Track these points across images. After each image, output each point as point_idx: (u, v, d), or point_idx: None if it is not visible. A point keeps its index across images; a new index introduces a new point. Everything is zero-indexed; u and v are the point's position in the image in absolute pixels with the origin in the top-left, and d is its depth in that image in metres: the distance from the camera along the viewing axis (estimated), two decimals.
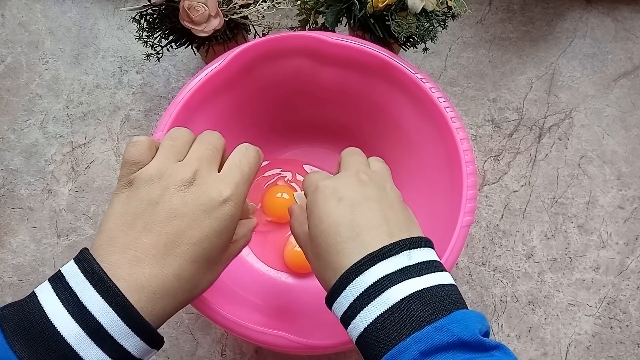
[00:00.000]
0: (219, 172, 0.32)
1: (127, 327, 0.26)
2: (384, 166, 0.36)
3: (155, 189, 0.29)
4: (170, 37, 0.52)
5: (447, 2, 0.48)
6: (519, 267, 0.57)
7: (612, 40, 0.65)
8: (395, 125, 0.52)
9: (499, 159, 0.61)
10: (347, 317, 0.28)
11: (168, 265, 0.28)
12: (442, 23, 0.49)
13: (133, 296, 0.26)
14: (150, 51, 0.52)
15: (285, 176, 0.57)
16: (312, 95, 0.53)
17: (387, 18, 0.47)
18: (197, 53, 0.57)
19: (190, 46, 0.53)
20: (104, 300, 0.26)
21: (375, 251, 0.28)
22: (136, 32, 0.51)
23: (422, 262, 0.28)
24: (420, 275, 0.27)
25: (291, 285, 0.54)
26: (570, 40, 0.65)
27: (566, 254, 0.57)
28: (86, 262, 0.27)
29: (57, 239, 0.58)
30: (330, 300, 0.30)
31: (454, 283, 0.29)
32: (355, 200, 0.30)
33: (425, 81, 0.46)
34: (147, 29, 0.51)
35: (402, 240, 0.29)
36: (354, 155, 0.36)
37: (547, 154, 0.61)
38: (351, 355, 0.54)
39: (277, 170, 0.58)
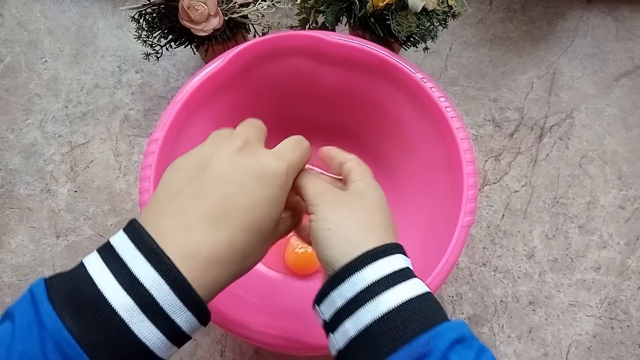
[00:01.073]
0: None
1: (179, 300, 0.25)
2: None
3: (204, 155, 0.29)
4: (170, 37, 0.52)
5: (447, 1, 0.47)
6: (520, 267, 0.57)
7: (613, 39, 0.65)
8: (396, 125, 0.52)
9: (500, 158, 0.60)
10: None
11: (219, 231, 0.27)
12: (442, 22, 0.48)
13: (184, 265, 0.25)
14: (150, 50, 0.52)
15: None
16: (312, 94, 0.53)
17: (387, 17, 0.47)
18: (197, 52, 0.57)
19: (189, 45, 0.53)
20: (157, 272, 0.25)
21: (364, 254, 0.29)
22: (135, 31, 0.51)
23: (398, 270, 0.29)
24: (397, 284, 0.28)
25: (291, 285, 0.54)
26: (571, 39, 0.65)
27: (567, 254, 0.57)
28: (136, 232, 0.26)
29: (56, 239, 0.57)
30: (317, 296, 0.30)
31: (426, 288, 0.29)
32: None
33: (425, 81, 0.46)
34: (146, 28, 0.51)
35: (382, 245, 0.29)
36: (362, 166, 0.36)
37: (548, 154, 0.61)
38: None
39: None
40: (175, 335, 0.25)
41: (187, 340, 0.26)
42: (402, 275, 0.28)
